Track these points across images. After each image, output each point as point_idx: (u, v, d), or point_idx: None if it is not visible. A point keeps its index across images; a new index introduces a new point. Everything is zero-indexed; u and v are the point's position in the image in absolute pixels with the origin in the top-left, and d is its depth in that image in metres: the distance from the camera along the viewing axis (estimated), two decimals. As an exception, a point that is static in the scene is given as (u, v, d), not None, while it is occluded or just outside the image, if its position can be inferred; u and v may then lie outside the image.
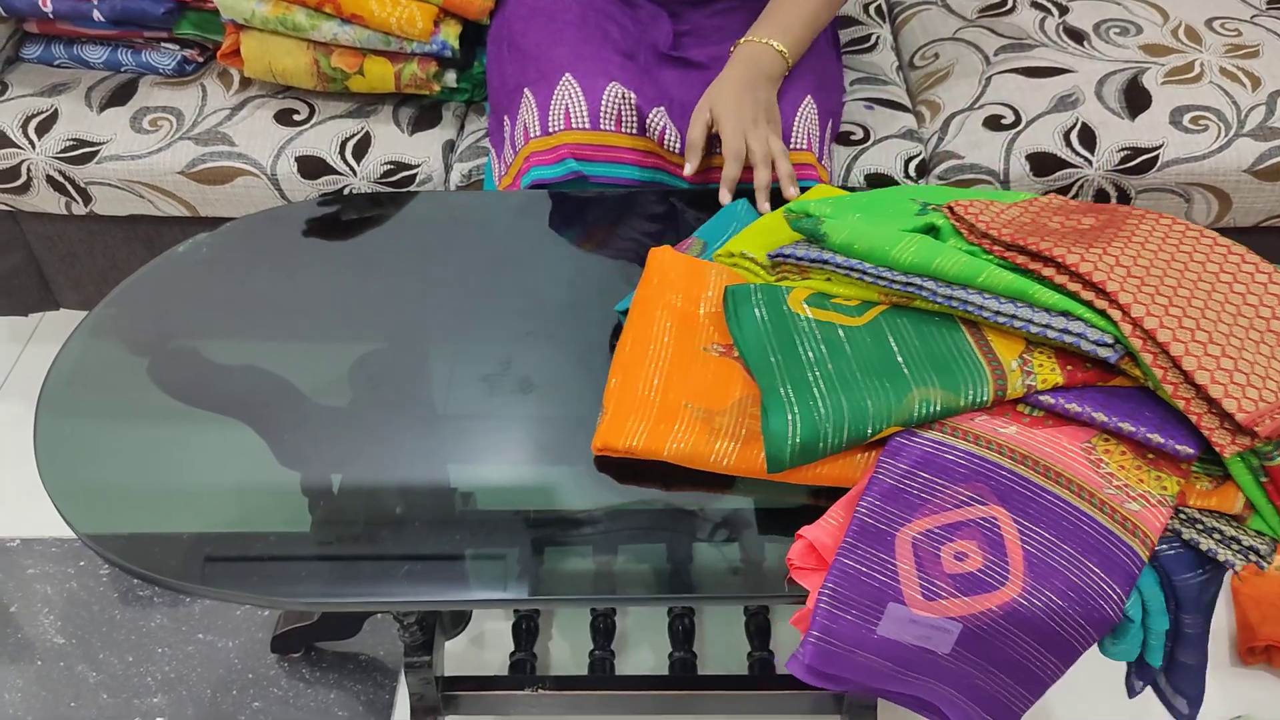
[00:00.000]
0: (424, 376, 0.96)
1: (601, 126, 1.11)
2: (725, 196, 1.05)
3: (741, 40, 1.14)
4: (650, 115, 1.11)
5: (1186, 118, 1.29)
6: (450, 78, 1.35)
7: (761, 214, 1.03)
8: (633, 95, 1.11)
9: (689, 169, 1.08)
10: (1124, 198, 1.29)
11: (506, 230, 1.11)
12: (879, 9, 1.56)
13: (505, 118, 1.19)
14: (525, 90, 1.15)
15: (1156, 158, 1.27)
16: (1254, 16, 1.44)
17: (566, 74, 1.12)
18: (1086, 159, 1.27)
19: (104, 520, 0.85)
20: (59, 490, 0.86)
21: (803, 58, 1.19)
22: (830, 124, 1.21)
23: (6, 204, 1.39)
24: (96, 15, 1.33)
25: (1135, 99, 1.31)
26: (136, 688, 1.26)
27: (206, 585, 0.81)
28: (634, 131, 1.11)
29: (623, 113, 1.10)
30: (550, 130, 1.11)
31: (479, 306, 1.02)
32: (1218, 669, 1.25)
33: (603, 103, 1.10)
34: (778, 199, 1.05)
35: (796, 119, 1.13)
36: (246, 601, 0.83)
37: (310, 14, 1.29)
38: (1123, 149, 1.27)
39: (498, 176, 1.20)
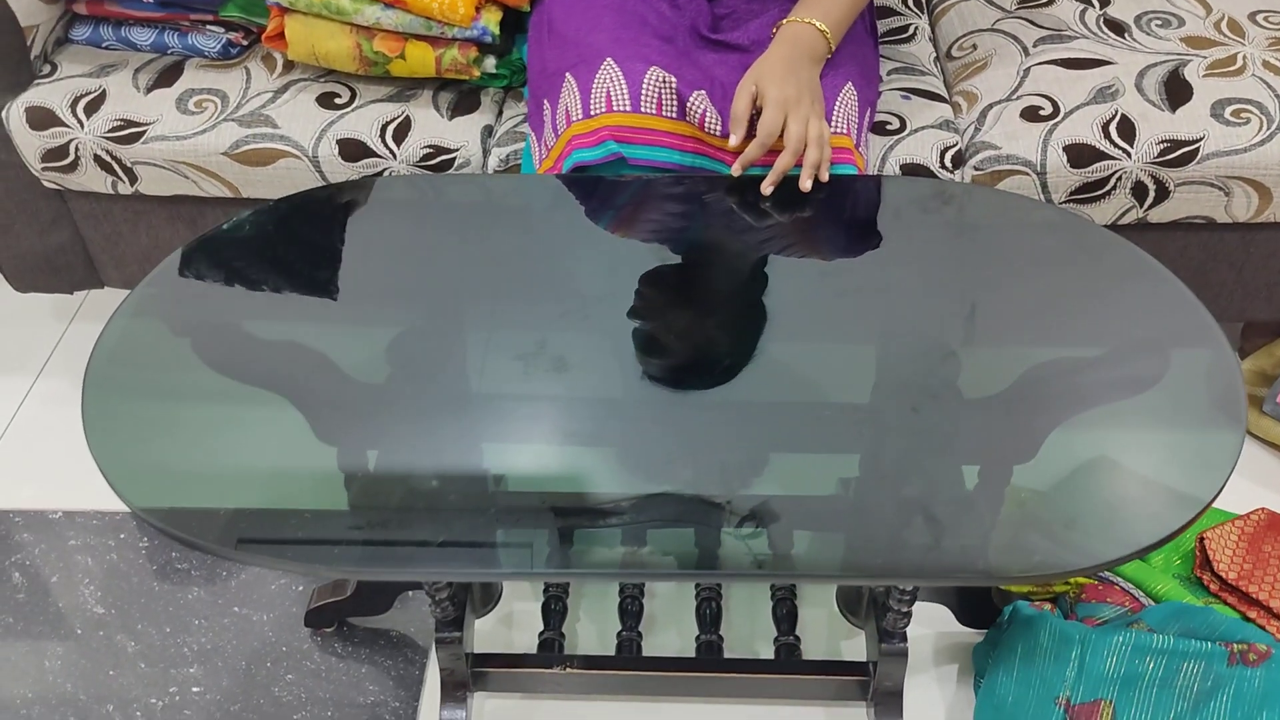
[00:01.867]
0: (460, 356, 0.97)
1: (643, 109, 1.12)
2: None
3: (785, 21, 1.16)
4: (691, 99, 1.11)
5: (1228, 110, 1.28)
6: (490, 63, 1.37)
7: (803, 190, 1.08)
8: (673, 79, 1.12)
9: (734, 141, 1.10)
10: (1163, 191, 1.28)
11: (544, 212, 1.12)
12: (917, 0, 1.56)
13: (545, 101, 1.20)
14: (567, 75, 1.16)
15: (1196, 150, 1.26)
16: (1299, 10, 1.43)
17: (608, 58, 1.13)
18: (1125, 151, 1.26)
19: (150, 495, 0.87)
20: (109, 464, 0.88)
21: (844, 45, 1.19)
22: (869, 113, 1.22)
23: (54, 182, 1.42)
24: (145, -3, 1.35)
25: (1176, 91, 1.31)
26: (173, 658, 1.29)
27: (249, 555, 0.83)
28: (674, 115, 1.12)
29: (663, 96, 1.11)
30: (592, 113, 1.12)
31: (515, 288, 1.03)
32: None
33: (644, 86, 1.11)
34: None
35: (837, 105, 1.13)
36: (287, 569, 0.85)
37: (353, -2, 1.31)
38: (1162, 141, 1.26)
39: (538, 159, 1.21)
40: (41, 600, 1.35)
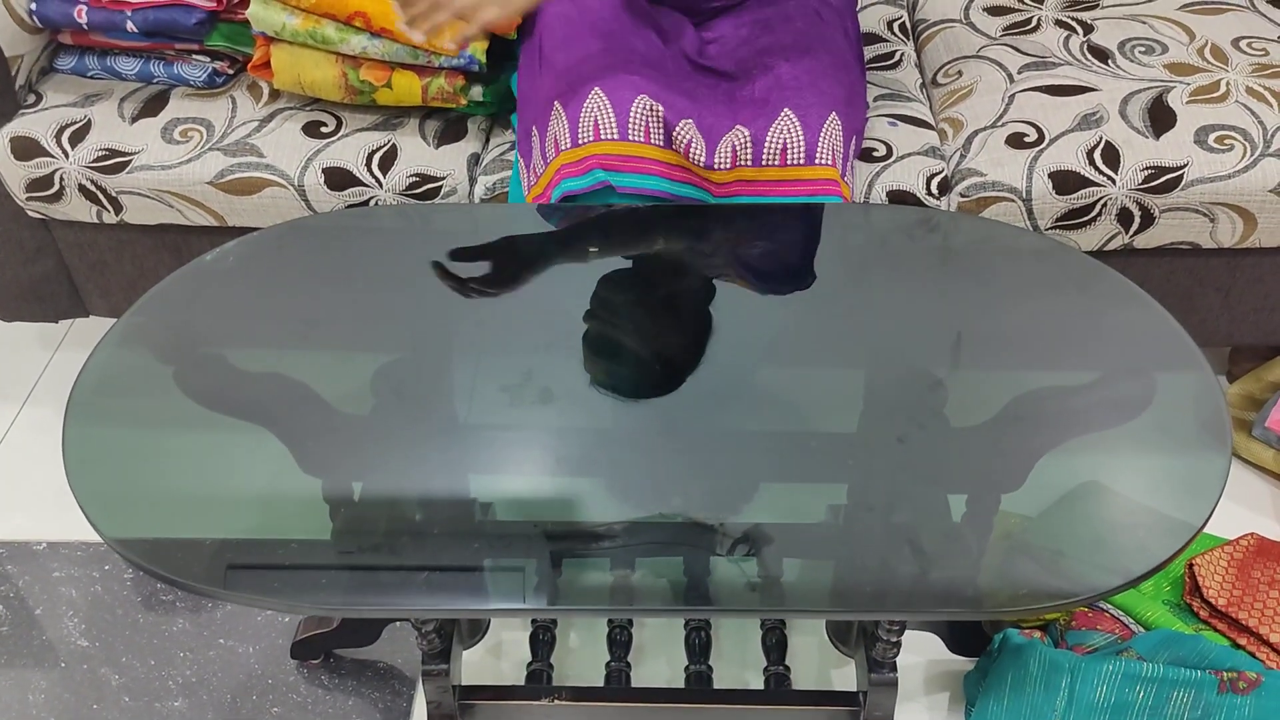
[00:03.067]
0: (445, 386, 0.97)
1: (630, 137, 1.12)
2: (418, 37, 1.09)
3: None
4: (677, 127, 1.12)
5: (1211, 137, 1.29)
6: (477, 92, 1.37)
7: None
8: (660, 107, 1.12)
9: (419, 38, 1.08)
10: (1148, 217, 1.29)
11: (534, 243, 1.12)
12: (902, 26, 1.56)
13: (534, 128, 1.20)
14: (555, 104, 1.17)
15: (1181, 177, 1.26)
16: (1281, 36, 1.44)
17: (595, 87, 1.13)
18: (1110, 177, 1.27)
19: (130, 525, 0.87)
20: (86, 495, 0.88)
21: (829, 72, 1.19)
22: (854, 141, 1.22)
23: (39, 212, 1.41)
24: (130, 26, 1.35)
25: (1160, 118, 1.31)
26: (158, 691, 1.27)
27: (229, 590, 0.82)
28: (662, 143, 1.13)
29: (650, 124, 1.11)
30: (580, 142, 1.13)
31: (501, 318, 1.03)
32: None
33: (631, 114, 1.12)
34: None
35: (822, 135, 1.13)
36: (269, 606, 0.84)
37: (340, 28, 1.31)
38: (1146, 168, 1.27)
39: (526, 187, 1.21)
40: (25, 633, 1.34)
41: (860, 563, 0.84)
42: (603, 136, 1.11)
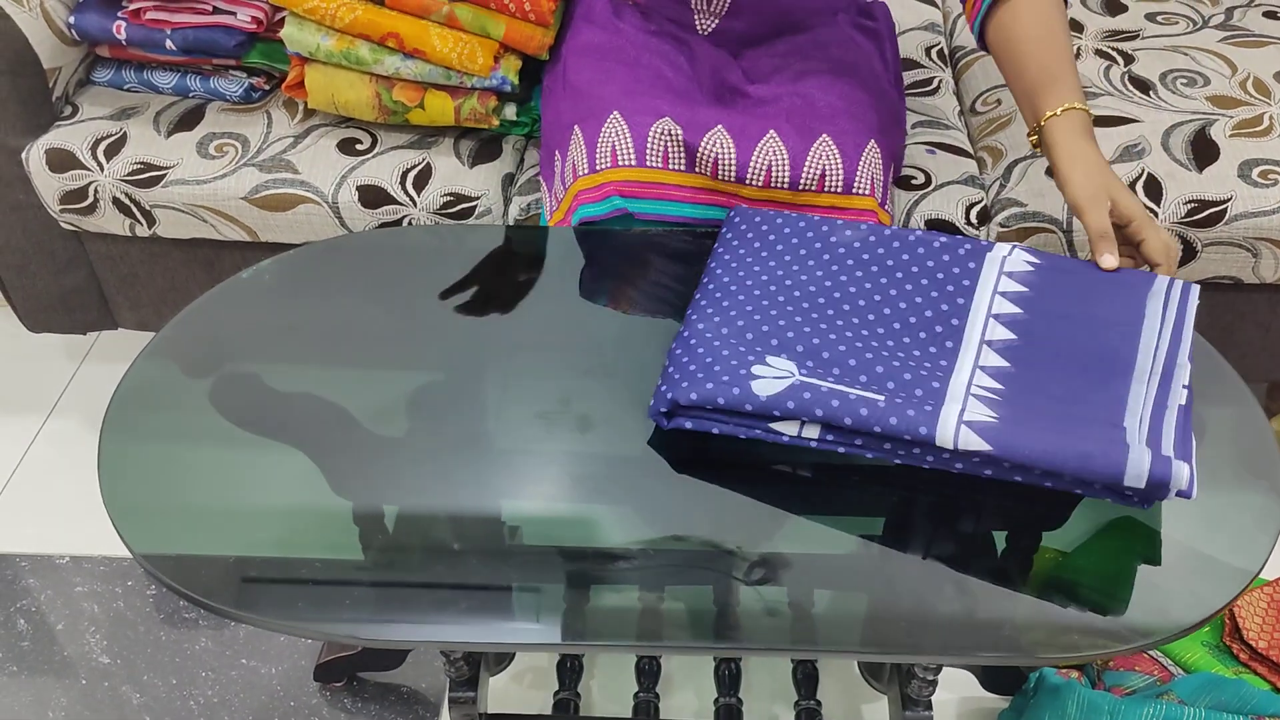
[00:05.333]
0: (480, 411, 0.96)
1: (648, 163, 1.11)
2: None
3: (1060, 110, 0.98)
4: (702, 143, 1.10)
5: (1255, 171, 1.27)
6: (510, 111, 1.36)
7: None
8: (679, 130, 1.11)
9: (1112, 263, 0.92)
10: (1190, 251, 1.27)
11: (567, 266, 1.11)
12: (940, 53, 1.55)
13: (556, 153, 1.19)
14: (575, 127, 1.16)
15: (1224, 211, 1.25)
16: (1325, 70, 1.42)
17: (614, 112, 1.13)
18: (1153, 210, 1.25)
19: (159, 541, 0.86)
20: (119, 509, 0.87)
21: (866, 98, 1.18)
22: (893, 167, 1.21)
23: (72, 224, 1.41)
24: (169, 44, 1.35)
25: (1203, 150, 1.30)
26: (179, 711, 1.26)
27: (254, 612, 0.81)
28: (682, 168, 1.11)
29: (669, 149, 1.10)
30: (597, 168, 1.11)
31: (537, 341, 1.02)
32: None
33: (649, 139, 1.11)
34: None
35: (861, 163, 1.12)
36: (294, 631, 0.82)
37: (374, 49, 1.31)
38: (1190, 201, 1.25)
39: (549, 212, 1.20)
40: (46, 648, 1.33)
41: (896, 602, 0.82)
42: (620, 163, 1.10)
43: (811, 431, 0.85)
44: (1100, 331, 0.88)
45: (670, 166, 1.11)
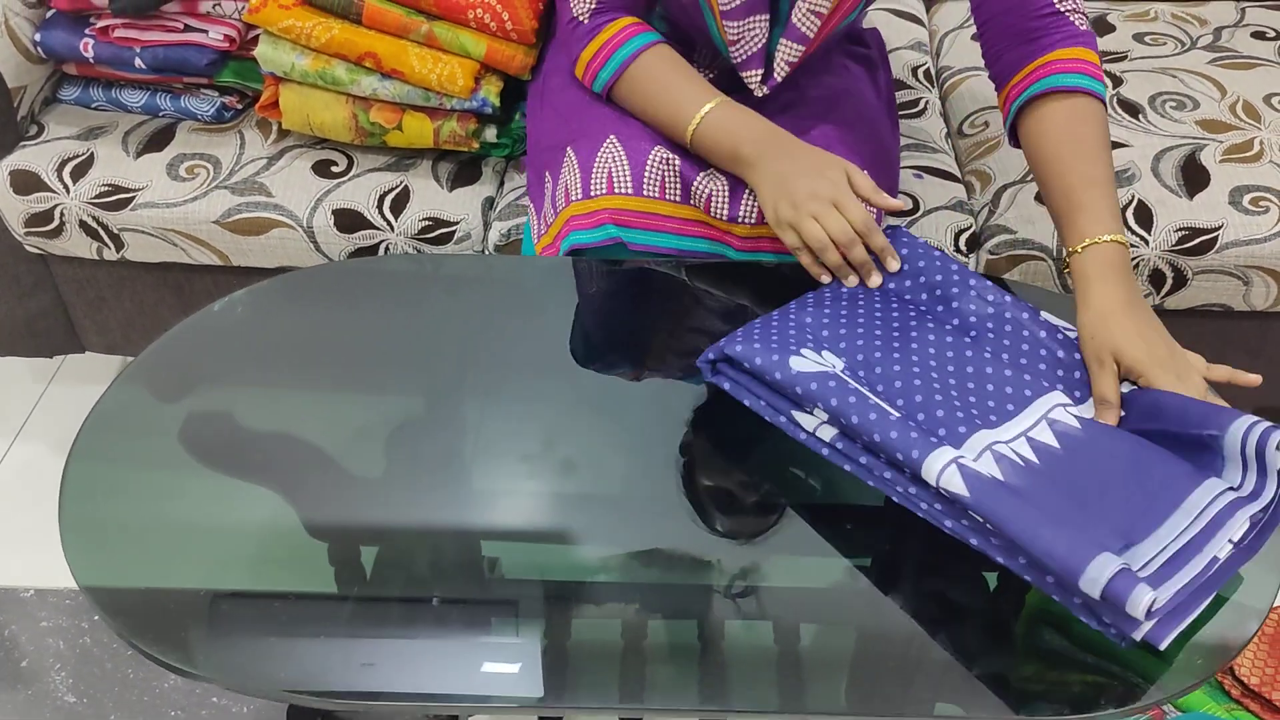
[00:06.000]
0: (460, 451, 0.93)
1: (645, 192, 1.08)
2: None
3: (1080, 247, 0.93)
4: (696, 180, 1.07)
5: (1246, 198, 1.25)
6: (491, 133, 1.33)
7: None
8: (676, 160, 1.08)
9: (1113, 419, 0.86)
10: (1180, 279, 1.25)
11: (549, 298, 1.07)
12: (927, 73, 1.53)
13: (546, 174, 1.16)
14: (568, 149, 1.12)
15: (1215, 239, 1.23)
16: (1314, 94, 1.41)
17: (611, 135, 1.09)
18: (1143, 238, 1.24)
19: (112, 575, 0.82)
20: (74, 539, 0.84)
21: (858, 127, 1.16)
22: (885, 198, 1.18)
23: (37, 247, 1.37)
24: (138, 63, 1.31)
25: (1193, 177, 1.28)
26: (147, 752, 1.22)
27: (202, 667, 0.77)
28: (678, 199, 1.08)
29: (666, 178, 1.07)
30: (592, 194, 1.08)
31: (519, 378, 0.99)
32: None
33: (647, 167, 1.07)
34: None
35: (854, 197, 1.09)
36: (245, 691, 0.79)
37: (350, 69, 1.27)
38: (1180, 229, 1.24)
39: (536, 235, 1.17)
40: (9, 686, 1.29)
41: (889, 658, 0.79)
42: (616, 190, 1.07)
43: (827, 433, 0.84)
44: (1169, 464, 0.81)
45: (667, 197, 1.08)
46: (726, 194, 1.07)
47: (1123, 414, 0.86)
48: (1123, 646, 0.75)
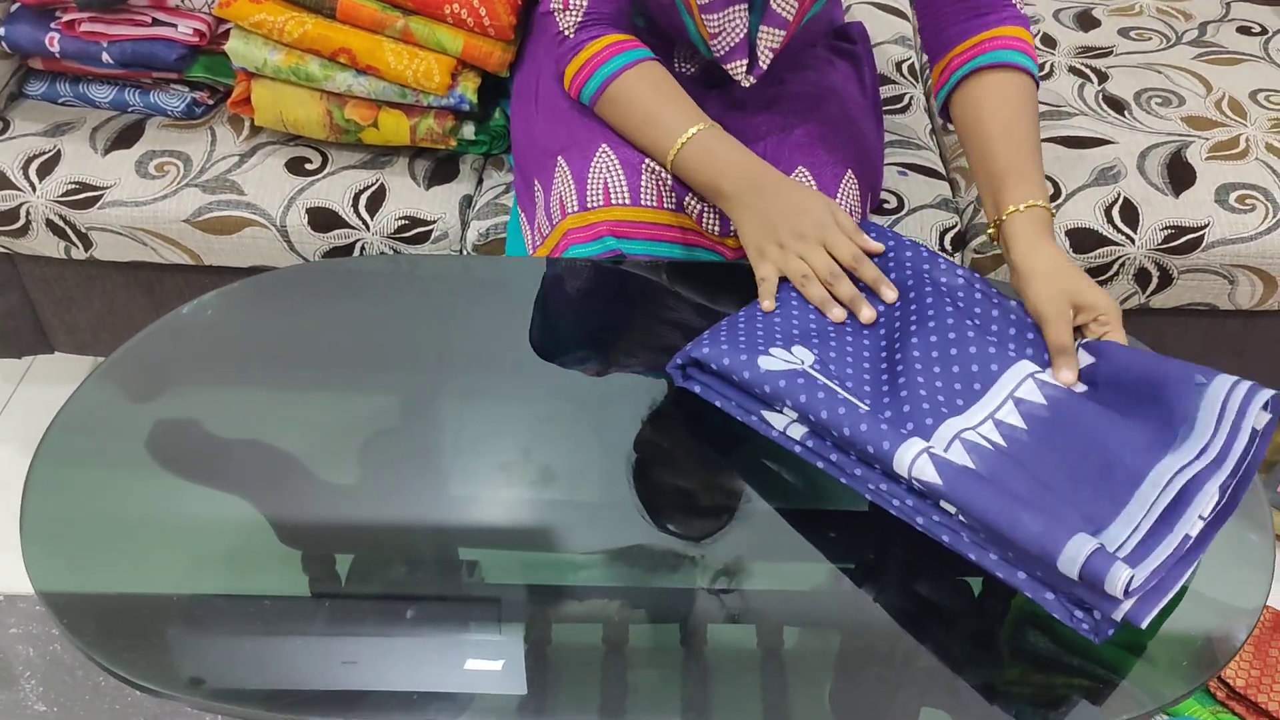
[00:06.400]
0: (438, 457, 0.91)
1: (642, 203, 1.05)
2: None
3: (1024, 206, 0.94)
4: (687, 197, 1.05)
5: (1232, 196, 1.24)
6: (468, 131, 1.31)
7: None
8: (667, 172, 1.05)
9: (1070, 378, 0.85)
10: (1166, 278, 1.24)
11: (528, 299, 1.05)
12: (911, 68, 1.52)
13: (537, 182, 1.13)
14: (560, 158, 1.09)
15: (1201, 238, 1.22)
16: (1299, 90, 1.40)
17: (603, 145, 1.06)
18: (1129, 236, 1.22)
19: (73, 580, 0.80)
20: (35, 542, 0.81)
21: (843, 126, 1.14)
22: (869, 198, 1.16)
23: (4, 246, 1.34)
24: (105, 57, 1.28)
25: (1179, 174, 1.27)
26: (119, 763, 1.20)
27: (168, 685, 0.75)
28: (673, 207, 1.06)
29: (661, 188, 1.05)
30: (589, 206, 1.05)
31: (498, 383, 0.97)
32: None
33: (643, 178, 1.05)
34: None
35: (838, 196, 1.07)
36: (204, 708, 0.77)
37: (324, 64, 1.24)
38: (1166, 227, 1.22)
39: (530, 244, 1.14)
40: (-23, 696, 1.26)
41: (876, 672, 0.78)
42: (613, 201, 1.04)
43: (797, 431, 0.83)
44: (1134, 435, 0.80)
45: (664, 205, 1.06)
46: (716, 211, 1.05)
47: (1095, 371, 0.85)
48: (1096, 641, 0.74)
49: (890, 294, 0.92)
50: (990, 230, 0.98)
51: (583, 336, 1.02)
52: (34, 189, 1.28)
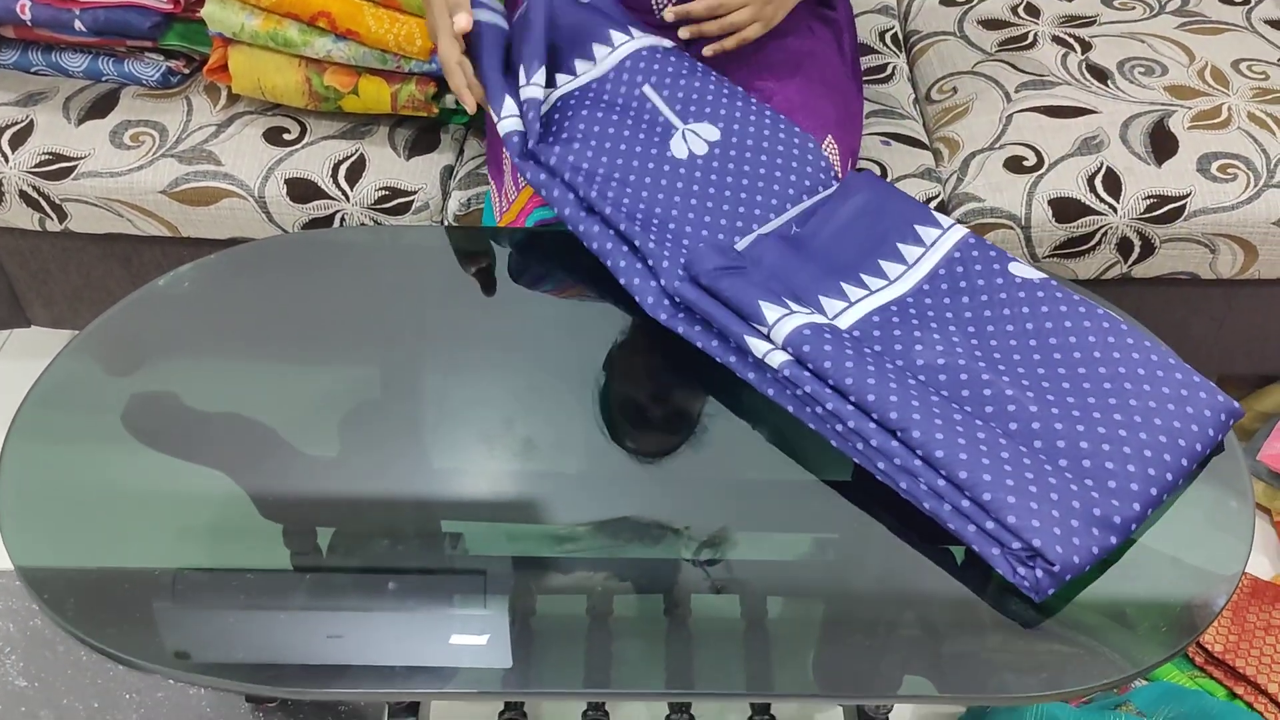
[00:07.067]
0: (418, 430, 0.90)
1: None
2: (684, 33, 1.06)
3: None
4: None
5: (1214, 166, 1.24)
6: (450, 99, 1.29)
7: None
8: None
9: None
10: (1148, 247, 1.24)
11: (510, 270, 1.05)
12: (895, 37, 1.51)
13: (505, 151, 1.12)
14: None
15: (1183, 207, 1.22)
16: (1281, 59, 1.40)
17: None
18: (1111, 206, 1.22)
19: (53, 555, 0.80)
20: (13, 518, 0.81)
21: (822, 91, 1.13)
22: (850, 163, 1.16)
23: (-24, 218, 1.32)
24: (78, 25, 1.26)
25: (1162, 143, 1.27)
26: (102, 737, 1.20)
27: (149, 658, 0.74)
28: None
29: None
30: None
31: (478, 353, 0.96)
32: None
33: None
34: None
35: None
36: (190, 681, 0.77)
37: (303, 29, 1.23)
38: (1149, 197, 1.22)
39: (498, 211, 1.14)
40: (-43, 671, 1.25)
41: (857, 638, 0.78)
42: None
43: (776, 359, 0.85)
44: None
45: None
46: None
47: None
48: (1036, 599, 0.75)
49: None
50: None
51: (566, 306, 1.02)
52: (7, 160, 1.26)
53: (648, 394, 0.95)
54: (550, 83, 1.05)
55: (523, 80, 1.00)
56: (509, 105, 0.99)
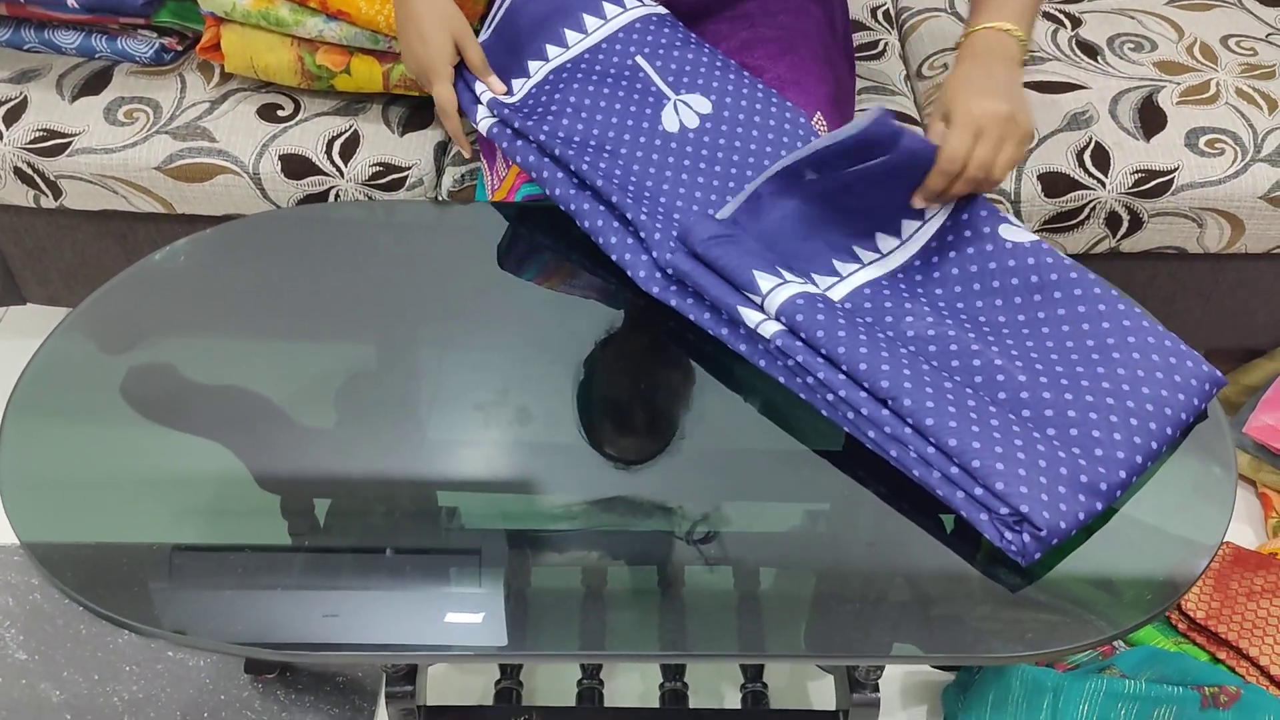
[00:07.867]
0: (414, 401, 0.91)
1: None
2: (918, 201, 0.90)
3: (969, 30, 0.95)
4: None
5: (1202, 140, 1.25)
6: (442, 76, 1.29)
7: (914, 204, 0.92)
8: None
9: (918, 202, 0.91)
10: (1136, 221, 1.26)
11: (504, 245, 1.05)
12: (886, 14, 1.51)
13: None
14: None
15: (1171, 181, 1.23)
16: (1269, 35, 1.41)
17: None
18: (1100, 180, 1.23)
19: (56, 529, 0.81)
20: (15, 493, 0.82)
21: (813, 69, 1.14)
22: (841, 140, 1.16)
23: (-29, 195, 1.32)
24: (71, 2, 1.26)
25: (1150, 119, 1.28)
26: (102, 708, 1.21)
27: (152, 624, 0.76)
28: None
29: None
30: None
31: (473, 327, 0.97)
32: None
33: None
34: None
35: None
36: (197, 645, 0.78)
37: (294, 9, 1.23)
38: (1137, 171, 1.23)
39: (490, 188, 1.14)
40: (-42, 645, 1.27)
41: (846, 601, 0.79)
42: None
43: (769, 329, 0.85)
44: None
45: None
46: None
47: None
48: (1022, 564, 0.76)
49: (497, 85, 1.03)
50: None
51: (560, 281, 1.03)
52: (1, 137, 1.26)
53: (641, 367, 0.96)
54: (540, 55, 1.06)
55: (480, 89, 1.04)
56: (481, 110, 1.02)
